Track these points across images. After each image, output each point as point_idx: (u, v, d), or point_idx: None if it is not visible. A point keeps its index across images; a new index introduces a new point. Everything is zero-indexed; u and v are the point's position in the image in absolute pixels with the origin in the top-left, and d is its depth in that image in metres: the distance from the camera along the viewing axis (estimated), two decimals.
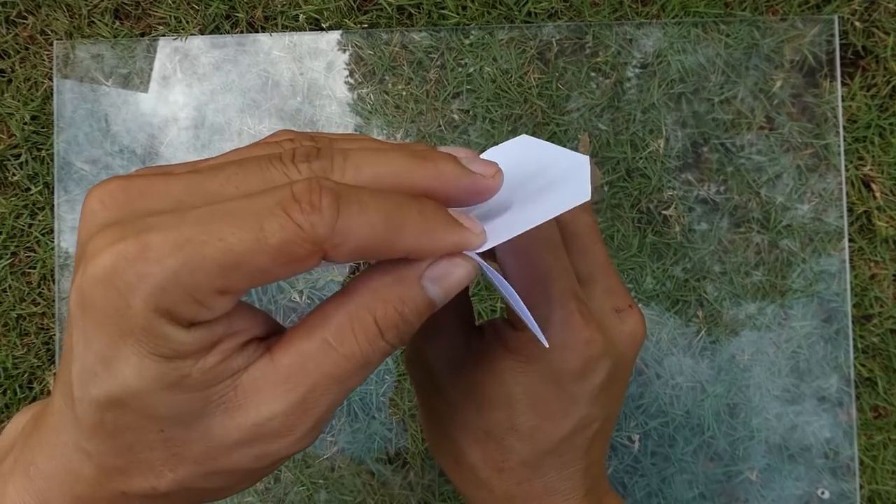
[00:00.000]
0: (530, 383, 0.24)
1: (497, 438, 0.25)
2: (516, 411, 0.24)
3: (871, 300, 0.50)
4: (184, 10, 0.52)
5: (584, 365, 0.24)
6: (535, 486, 0.25)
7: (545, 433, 0.25)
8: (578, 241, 0.26)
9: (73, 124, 0.52)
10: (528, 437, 0.25)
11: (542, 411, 0.24)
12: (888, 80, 0.51)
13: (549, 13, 0.51)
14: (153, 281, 0.16)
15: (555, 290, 0.24)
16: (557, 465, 0.25)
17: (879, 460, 0.50)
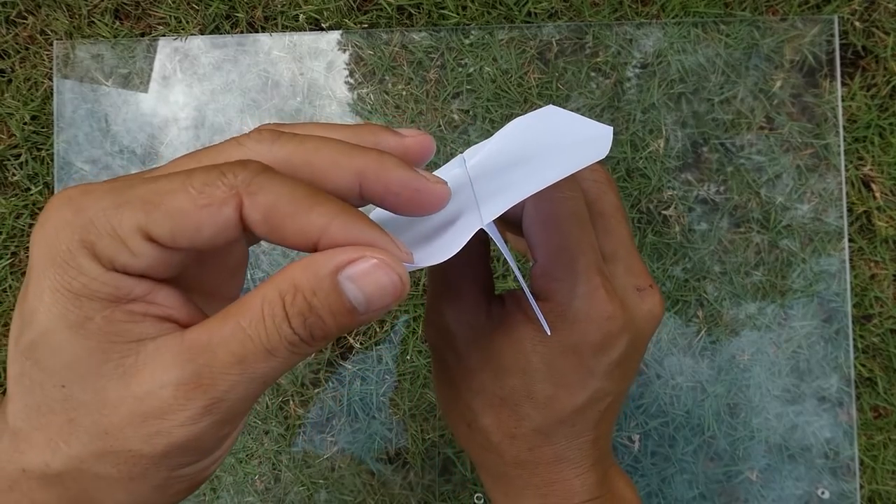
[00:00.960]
0: (549, 353, 0.25)
1: (512, 405, 0.25)
2: (533, 379, 0.25)
3: (871, 300, 0.50)
4: (184, 10, 0.52)
5: (604, 339, 0.25)
6: (545, 452, 0.26)
7: (560, 402, 0.25)
8: (604, 220, 0.27)
9: (73, 124, 0.52)
10: (543, 406, 0.25)
11: (558, 381, 0.25)
12: (888, 80, 0.51)
13: (549, 13, 0.51)
14: (84, 215, 0.17)
15: (580, 263, 0.25)
16: (569, 434, 0.26)
17: (879, 460, 0.50)
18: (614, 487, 0.28)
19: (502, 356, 0.25)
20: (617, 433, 0.50)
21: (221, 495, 0.50)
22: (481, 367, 0.26)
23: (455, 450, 0.50)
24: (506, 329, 0.25)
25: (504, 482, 0.27)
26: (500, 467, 0.27)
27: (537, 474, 0.26)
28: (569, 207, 0.25)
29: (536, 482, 0.26)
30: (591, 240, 0.25)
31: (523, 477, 0.26)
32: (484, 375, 0.26)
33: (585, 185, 0.27)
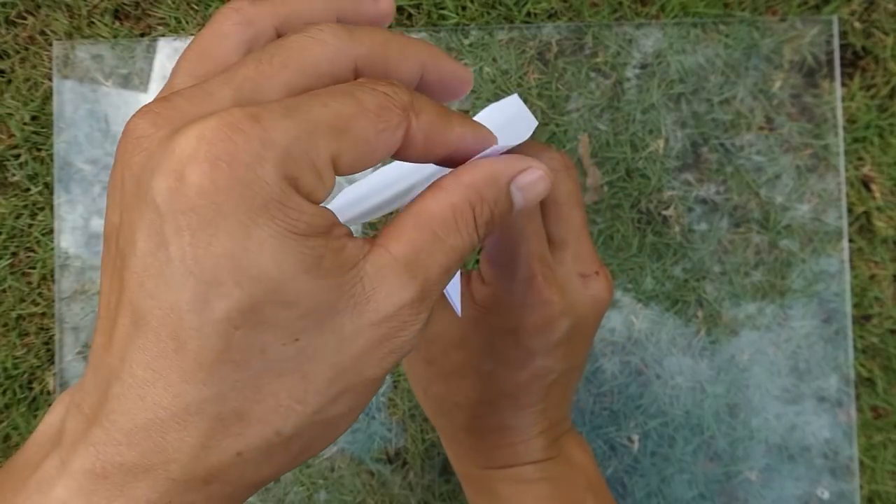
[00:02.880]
0: (489, 334, 0.27)
1: (458, 377, 0.28)
2: (476, 356, 0.27)
3: (871, 300, 0.50)
4: (184, 11, 0.52)
5: (542, 323, 0.26)
6: (490, 421, 0.28)
7: (501, 378, 0.27)
8: (556, 207, 0.28)
9: (73, 124, 0.52)
10: (486, 379, 0.27)
11: (499, 358, 0.27)
12: (888, 80, 0.51)
13: (549, 13, 0.51)
14: (280, 147, 0.15)
15: (522, 251, 0.26)
16: (513, 406, 0.28)
17: (879, 460, 0.50)
18: (565, 450, 0.30)
19: (450, 332, 0.28)
20: (616, 433, 0.50)
21: None
22: (431, 340, 0.28)
23: None
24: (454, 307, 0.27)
25: (456, 444, 0.30)
26: (451, 431, 0.30)
27: (484, 439, 0.28)
28: None
29: (483, 446, 0.28)
30: (535, 227, 0.26)
31: (471, 441, 0.29)
32: (434, 347, 0.28)
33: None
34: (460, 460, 0.30)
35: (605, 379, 0.50)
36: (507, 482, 0.28)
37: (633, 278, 0.50)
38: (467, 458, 0.30)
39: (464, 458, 0.30)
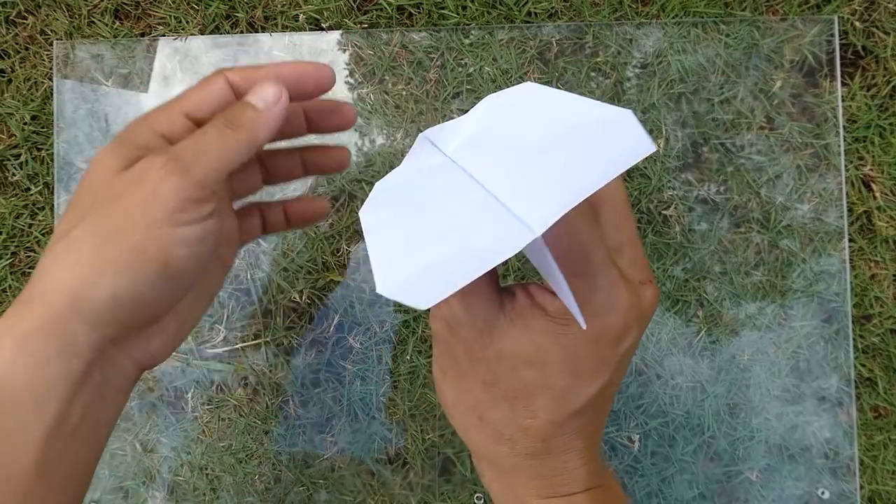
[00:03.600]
0: (571, 345, 0.25)
1: (528, 396, 0.26)
2: (552, 371, 0.26)
3: (871, 300, 0.50)
4: (184, 10, 0.52)
5: (623, 329, 0.26)
6: (557, 443, 0.26)
7: (576, 393, 0.26)
8: (613, 213, 0.27)
9: (73, 124, 0.52)
10: (559, 397, 0.26)
11: (576, 372, 0.26)
12: (888, 80, 0.51)
13: (549, 13, 0.51)
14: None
15: (596, 257, 0.25)
16: (578, 424, 0.26)
17: (879, 460, 0.50)
18: (608, 474, 0.29)
19: (520, 349, 0.26)
20: (617, 433, 0.50)
21: (221, 495, 0.50)
22: (497, 358, 0.26)
23: (455, 450, 0.50)
24: (523, 322, 0.26)
25: (510, 474, 0.27)
26: (509, 459, 0.27)
27: (546, 465, 0.27)
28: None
29: (545, 472, 0.27)
30: (600, 233, 0.26)
31: (533, 467, 0.27)
32: (499, 367, 0.26)
33: None
34: (517, 490, 0.27)
35: None
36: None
37: None
38: (524, 487, 0.27)
39: (522, 488, 0.27)
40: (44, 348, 0.23)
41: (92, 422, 0.25)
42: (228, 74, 0.27)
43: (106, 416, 0.26)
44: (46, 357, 0.23)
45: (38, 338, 0.23)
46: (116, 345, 0.26)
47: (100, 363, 0.25)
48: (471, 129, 0.25)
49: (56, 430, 0.24)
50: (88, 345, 0.24)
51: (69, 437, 0.24)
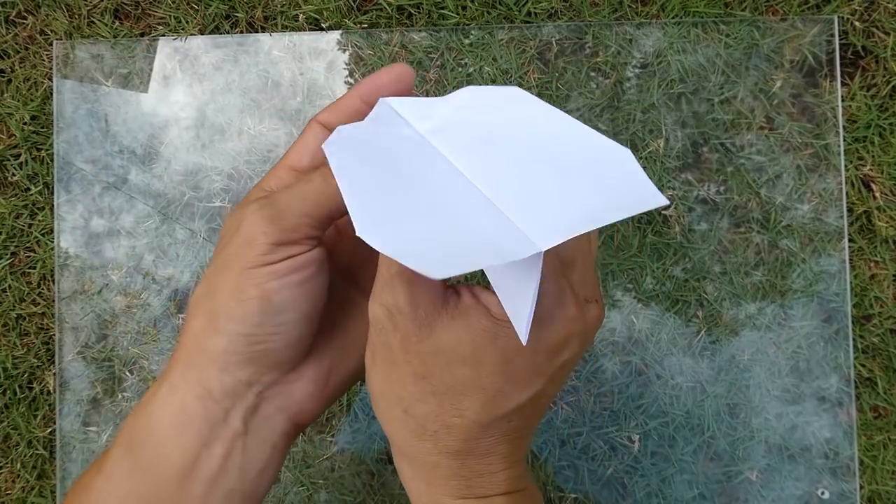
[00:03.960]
0: (508, 349, 0.26)
1: (458, 394, 0.26)
2: (486, 372, 0.26)
3: (871, 300, 0.50)
4: (184, 10, 0.52)
5: (563, 340, 0.26)
6: (479, 444, 0.26)
7: (506, 397, 0.26)
8: None
9: (73, 124, 0.52)
10: (489, 399, 0.26)
11: (510, 377, 0.26)
12: (888, 80, 0.51)
13: (549, 13, 0.51)
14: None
15: (548, 266, 0.25)
16: (505, 429, 0.27)
17: (879, 460, 0.50)
18: (530, 483, 0.29)
19: (458, 345, 0.26)
20: (617, 433, 0.50)
21: None
22: (432, 352, 0.26)
23: None
24: (465, 319, 0.26)
25: (429, 471, 0.27)
26: (430, 456, 0.27)
27: (466, 465, 0.27)
28: None
29: (465, 473, 0.27)
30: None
31: (453, 467, 0.27)
32: (433, 362, 0.26)
33: None
34: (432, 488, 0.27)
35: (606, 379, 0.50)
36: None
37: (633, 278, 0.50)
38: (442, 486, 0.27)
39: (438, 486, 0.27)
40: (186, 391, 0.25)
41: (237, 469, 0.26)
42: (319, 118, 0.29)
43: (254, 467, 0.27)
44: (188, 400, 0.25)
45: (182, 382, 0.25)
46: (255, 392, 0.27)
47: (240, 409, 0.27)
48: (448, 115, 0.24)
49: (195, 469, 0.25)
50: (222, 389, 0.26)
51: (208, 484, 0.25)
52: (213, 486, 0.25)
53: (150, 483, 0.24)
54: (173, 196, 0.51)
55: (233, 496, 0.26)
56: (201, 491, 0.25)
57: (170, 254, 0.51)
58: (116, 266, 0.51)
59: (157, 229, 0.51)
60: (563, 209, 0.21)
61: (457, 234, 0.22)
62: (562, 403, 0.50)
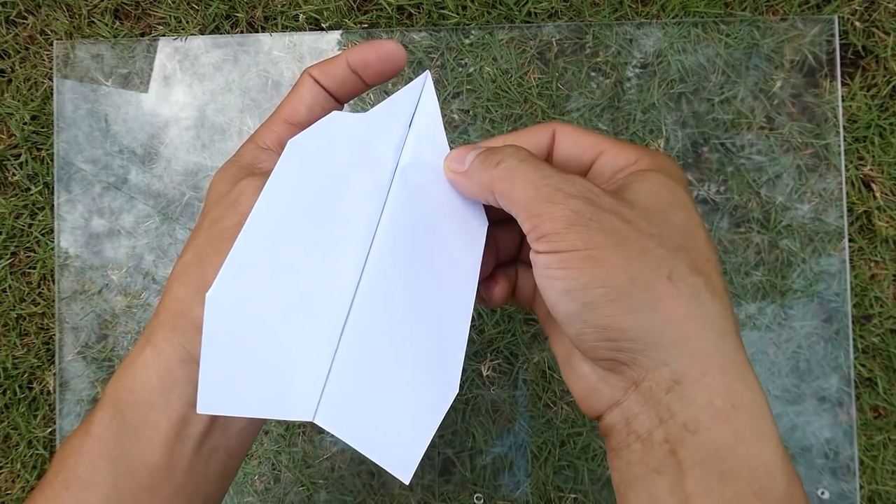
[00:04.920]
0: (675, 188, 0.26)
1: (690, 234, 0.24)
2: (689, 208, 0.25)
3: (871, 300, 0.50)
4: (184, 10, 0.52)
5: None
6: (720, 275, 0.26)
7: (704, 231, 0.26)
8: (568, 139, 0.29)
9: (74, 124, 0.52)
10: (704, 233, 0.25)
11: (691, 212, 0.26)
12: (888, 80, 0.51)
13: (549, 13, 0.51)
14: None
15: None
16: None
17: (879, 460, 0.50)
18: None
19: (655, 193, 0.24)
20: None
21: None
22: (647, 210, 0.23)
23: (455, 450, 0.50)
24: (634, 177, 0.25)
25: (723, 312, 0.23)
26: (721, 310, 0.23)
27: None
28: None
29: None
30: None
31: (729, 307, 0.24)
32: (654, 217, 0.23)
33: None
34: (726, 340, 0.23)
35: None
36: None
37: None
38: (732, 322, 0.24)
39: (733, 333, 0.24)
40: (171, 355, 0.25)
41: (220, 427, 0.27)
42: (311, 71, 0.29)
43: (236, 425, 0.27)
44: (173, 363, 0.25)
45: (167, 346, 0.25)
46: None
47: None
48: (413, 149, 0.27)
49: (181, 432, 0.25)
50: None
51: (196, 444, 0.26)
52: (200, 445, 0.26)
53: (141, 445, 0.25)
54: (173, 196, 0.51)
55: (217, 452, 0.27)
56: (190, 450, 0.26)
57: (170, 254, 0.51)
58: (116, 266, 0.51)
59: (157, 229, 0.51)
60: (369, 412, 0.24)
61: (277, 361, 0.24)
62: (562, 403, 0.50)
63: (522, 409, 0.50)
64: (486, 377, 0.50)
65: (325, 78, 0.29)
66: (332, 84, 0.29)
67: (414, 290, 0.25)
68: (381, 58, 0.28)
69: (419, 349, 0.24)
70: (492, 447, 0.50)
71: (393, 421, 0.24)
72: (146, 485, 0.25)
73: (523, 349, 0.50)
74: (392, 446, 0.24)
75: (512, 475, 0.49)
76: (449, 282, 0.25)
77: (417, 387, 0.24)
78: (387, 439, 0.24)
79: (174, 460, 0.25)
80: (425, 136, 0.26)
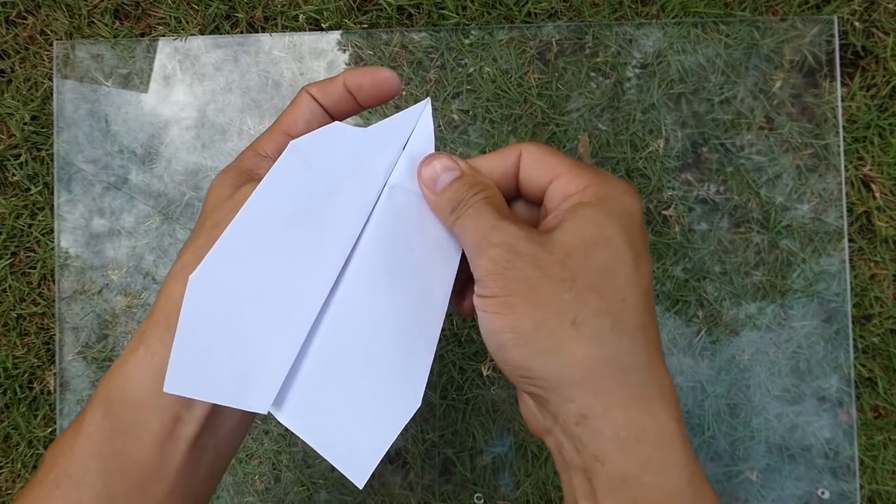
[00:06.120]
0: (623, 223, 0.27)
1: (610, 277, 0.26)
2: (620, 246, 0.27)
3: (871, 300, 0.50)
4: (184, 10, 0.52)
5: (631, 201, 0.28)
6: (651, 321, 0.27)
7: (644, 267, 0.27)
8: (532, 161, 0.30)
9: (74, 124, 0.52)
10: (633, 271, 0.26)
11: (634, 245, 0.27)
12: (888, 80, 0.51)
13: (549, 13, 0.51)
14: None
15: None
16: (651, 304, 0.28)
17: (879, 460, 0.50)
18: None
19: (583, 233, 0.25)
20: None
21: (221, 495, 0.50)
22: (567, 253, 0.25)
23: (455, 450, 0.50)
24: (568, 216, 0.26)
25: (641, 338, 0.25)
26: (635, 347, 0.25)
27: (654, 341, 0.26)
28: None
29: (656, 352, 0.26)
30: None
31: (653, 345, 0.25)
32: (572, 260, 0.25)
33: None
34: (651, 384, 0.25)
35: None
36: None
37: None
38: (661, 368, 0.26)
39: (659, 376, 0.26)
40: (165, 355, 0.25)
41: (211, 427, 0.27)
42: (309, 89, 0.30)
43: (226, 425, 0.28)
44: (167, 364, 0.25)
45: (161, 346, 0.26)
46: None
47: None
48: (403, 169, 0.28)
49: (173, 432, 0.26)
50: None
51: (187, 444, 0.26)
52: (191, 445, 0.26)
53: (133, 445, 0.25)
54: (174, 196, 0.51)
55: (207, 453, 0.27)
56: (181, 450, 0.26)
57: (170, 254, 0.51)
58: (117, 266, 0.51)
59: (157, 229, 0.51)
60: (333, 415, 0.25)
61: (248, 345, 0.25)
62: None
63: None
64: (487, 377, 0.50)
65: (323, 96, 0.30)
66: (329, 102, 0.30)
67: (387, 303, 0.26)
68: (375, 83, 0.30)
69: (387, 359, 0.25)
70: (492, 447, 0.50)
71: (354, 426, 0.25)
72: (137, 484, 0.25)
73: None
74: (350, 451, 0.25)
75: (512, 475, 0.49)
76: (421, 299, 0.26)
77: (382, 396, 0.25)
78: (346, 443, 0.25)
79: (166, 460, 0.26)
80: (416, 159, 0.28)
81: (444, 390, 0.50)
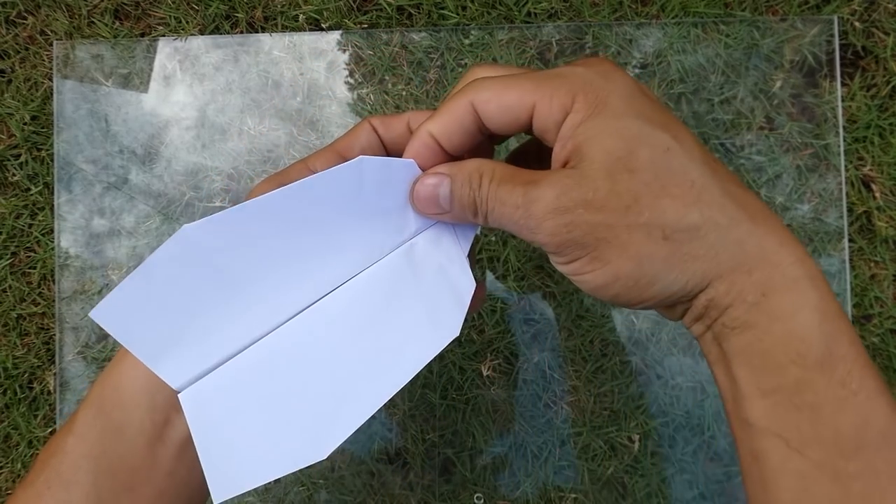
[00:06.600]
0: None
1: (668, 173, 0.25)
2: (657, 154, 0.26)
3: (871, 300, 0.50)
4: (184, 11, 0.52)
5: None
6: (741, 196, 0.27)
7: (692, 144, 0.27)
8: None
9: (74, 124, 0.52)
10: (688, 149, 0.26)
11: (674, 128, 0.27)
12: (888, 80, 0.51)
13: (549, 13, 0.51)
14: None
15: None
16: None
17: None
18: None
19: (622, 159, 0.24)
20: (617, 433, 0.50)
21: None
22: (613, 183, 0.24)
23: (455, 450, 0.50)
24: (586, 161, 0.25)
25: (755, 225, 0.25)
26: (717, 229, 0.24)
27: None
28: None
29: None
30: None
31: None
32: (625, 187, 0.23)
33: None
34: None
35: (606, 379, 0.50)
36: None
37: None
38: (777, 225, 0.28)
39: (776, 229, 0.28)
40: None
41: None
42: (371, 120, 0.30)
43: None
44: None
45: None
46: None
47: None
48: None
49: (164, 433, 0.26)
50: None
51: (178, 447, 0.26)
52: (182, 449, 0.26)
53: (123, 445, 0.25)
54: (174, 196, 0.51)
55: (198, 459, 0.27)
56: (171, 453, 0.26)
57: None
58: (117, 266, 0.51)
59: (157, 229, 0.51)
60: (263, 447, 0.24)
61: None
62: (562, 403, 0.50)
63: (522, 409, 0.50)
64: (487, 377, 0.50)
65: (384, 129, 0.30)
66: (388, 136, 0.30)
67: (348, 345, 0.25)
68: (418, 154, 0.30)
69: (316, 398, 0.24)
70: (492, 447, 0.50)
71: (244, 443, 0.23)
72: (127, 485, 0.25)
73: (523, 349, 0.50)
74: (226, 463, 0.23)
75: (512, 475, 0.49)
76: (387, 360, 0.25)
77: (291, 430, 0.24)
78: (226, 454, 0.23)
79: (156, 462, 0.26)
80: (447, 239, 0.27)
81: (444, 390, 0.50)
